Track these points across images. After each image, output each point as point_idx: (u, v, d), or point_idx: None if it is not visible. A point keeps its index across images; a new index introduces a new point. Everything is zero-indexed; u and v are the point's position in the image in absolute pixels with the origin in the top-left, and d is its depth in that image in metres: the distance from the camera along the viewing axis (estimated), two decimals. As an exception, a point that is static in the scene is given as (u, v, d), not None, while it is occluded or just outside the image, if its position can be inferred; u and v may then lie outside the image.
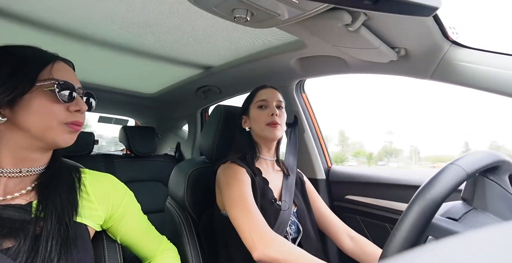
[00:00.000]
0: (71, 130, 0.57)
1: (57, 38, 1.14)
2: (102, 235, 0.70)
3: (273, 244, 0.72)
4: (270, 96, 0.98)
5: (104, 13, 0.97)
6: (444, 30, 0.83)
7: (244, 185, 0.85)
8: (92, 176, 0.67)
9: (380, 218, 1.17)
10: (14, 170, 0.55)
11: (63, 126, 0.56)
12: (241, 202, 0.81)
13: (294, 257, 0.71)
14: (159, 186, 1.85)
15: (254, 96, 1.01)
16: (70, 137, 0.58)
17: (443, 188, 0.47)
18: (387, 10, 0.50)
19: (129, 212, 0.70)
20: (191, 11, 0.94)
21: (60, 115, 0.55)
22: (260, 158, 0.99)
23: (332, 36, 0.87)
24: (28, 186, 0.57)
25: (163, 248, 0.80)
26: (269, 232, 0.75)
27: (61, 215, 0.56)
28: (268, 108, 0.96)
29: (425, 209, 0.46)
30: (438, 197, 0.46)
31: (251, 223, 0.77)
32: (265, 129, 0.95)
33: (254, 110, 0.98)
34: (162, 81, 1.82)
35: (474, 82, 0.85)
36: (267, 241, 0.73)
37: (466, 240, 0.22)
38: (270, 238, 0.74)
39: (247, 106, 1.02)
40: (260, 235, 0.74)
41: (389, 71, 1.05)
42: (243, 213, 0.79)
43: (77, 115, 0.58)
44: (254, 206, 0.81)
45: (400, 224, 0.47)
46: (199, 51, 1.30)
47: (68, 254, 0.53)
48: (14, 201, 0.54)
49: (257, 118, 0.96)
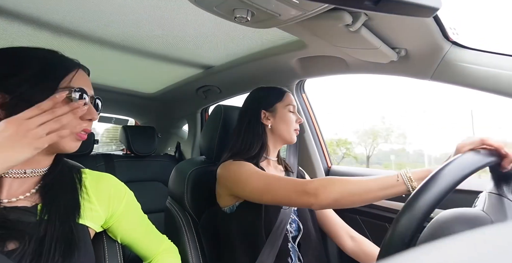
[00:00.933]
0: (79, 138, 0.58)
1: (57, 38, 1.14)
2: (103, 235, 0.70)
3: (326, 189, 0.68)
4: (295, 102, 1.02)
5: (104, 13, 0.97)
6: (444, 30, 0.83)
7: (256, 169, 0.85)
8: (92, 177, 0.67)
9: (380, 218, 1.17)
10: (19, 171, 0.55)
11: (72, 135, 0.57)
12: (266, 178, 0.80)
13: (350, 187, 0.67)
14: (159, 186, 1.85)
15: (283, 97, 1.01)
16: (76, 144, 0.59)
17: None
18: (387, 10, 0.50)
19: (129, 212, 0.70)
20: (191, 11, 0.94)
21: (72, 123, 0.54)
22: (266, 159, 0.99)
23: (333, 36, 0.87)
24: (32, 188, 0.57)
25: (164, 247, 0.80)
26: (314, 181, 0.73)
27: (64, 218, 0.56)
28: (295, 114, 1.01)
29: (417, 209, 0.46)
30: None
31: (290, 182, 0.76)
32: (293, 134, 0.98)
33: (285, 112, 0.99)
34: (162, 81, 1.82)
35: (474, 82, 0.85)
36: (319, 189, 0.69)
37: (466, 240, 0.22)
38: (320, 185, 0.70)
39: (273, 103, 1.00)
40: (307, 188, 0.71)
41: (389, 72, 1.05)
42: (276, 181, 0.78)
43: (88, 123, 0.59)
44: (278, 176, 0.81)
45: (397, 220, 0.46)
46: (199, 51, 1.30)
47: (71, 256, 0.54)
48: (19, 203, 0.54)
49: (289, 121, 0.98)
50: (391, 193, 0.63)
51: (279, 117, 0.98)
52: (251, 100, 1.03)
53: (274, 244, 0.83)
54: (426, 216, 0.46)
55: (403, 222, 0.47)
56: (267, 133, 0.99)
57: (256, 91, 1.05)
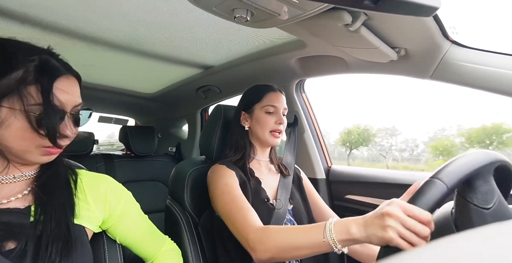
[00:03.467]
0: (48, 153, 0.54)
1: (56, 38, 1.14)
2: (102, 236, 0.70)
3: (262, 245, 0.68)
4: (280, 102, 0.96)
5: (104, 13, 0.97)
6: (444, 30, 0.83)
7: (229, 186, 0.84)
8: (88, 177, 0.67)
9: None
10: (7, 177, 0.55)
11: (41, 150, 0.53)
12: (227, 203, 0.80)
13: (286, 246, 0.66)
14: (159, 186, 1.85)
15: (262, 97, 0.97)
16: (48, 158, 0.55)
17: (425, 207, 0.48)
18: (387, 10, 0.50)
19: (128, 212, 0.70)
20: (191, 11, 0.94)
21: (40, 140, 0.51)
22: (254, 159, 0.99)
23: (332, 36, 0.87)
24: (25, 190, 0.57)
25: (166, 248, 0.79)
26: (255, 231, 0.72)
27: (59, 218, 0.55)
28: (275, 115, 0.95)
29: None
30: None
31: (243, 222, 0.75)
32: (268, 136, 0.95)
33: (261, 113, 0.96)
34: (162, 81, 1.82)
35: (474, 82, 0.85)
36: (256, 243, 0.69)
37: (465, 240, 0.22)
38: (257, 239, 0.70)
39: (251, 103, 0.98)
40: (249, 238, 0.71)
41: (389, 71, 1.05)
42: (235, 214, 0.78)
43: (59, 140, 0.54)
44: (240, 204, 0.79)
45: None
46: (199, 51, 1.30)
47: (69, 256, 0.53)
48: (11, 205, 0.54)
49: (263, 123, 0.95)
50: (320, 251, 0.63)
51: (255, 119, 0.97)
52: (239, 101, 1.04)
53: None
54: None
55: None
56: (249, 135, 0.99)
57: (245, 91, 1.04)
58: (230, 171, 0.88)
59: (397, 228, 0.51)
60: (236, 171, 0.89)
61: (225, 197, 0.82)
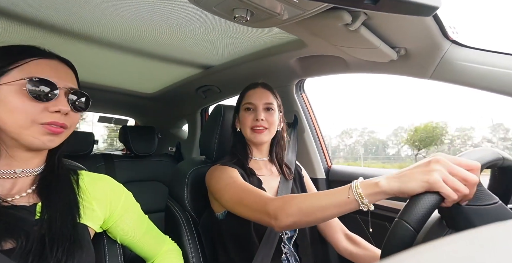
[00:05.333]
0: (48, 131, 0.53)
1: (57, 37, 1.14)
2: (103, 236, 0.70)
3: (284, 210, 0.65)
4: (258, 98, 0.94)
5: (104, 13, 0.97)
6: (444, 29, 0.83)
7: (234, 177, 0.83)
8: (89, 178, 0.67)
9: (380, 217, 1.17)
10: (8, 171, 0.55)
11: (38, 127, 0.53)
12: (236, 192, 0.78)
13: (306, 205, 0.63)
14: (159, 186, 1.85)
15: (243, 96, 0.98)
16: (48, 139, 0.54)
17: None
18: (387, 9, 0.50)
19: (128, 212, 0.70)
20: (191, 11, 0.94)
21: (33, 114, 0.52)
22: (252, 159, 0.98)
23: (332, 35, 0.87)
24: (28, 188, 0.57)
25: (166, 248, 0.79)
26: (274, 200, 0.69)
27: (65, 217, 0.56)
28: (253, 111, 0.94)
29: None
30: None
31: (257, 198, 0.73)
32: (250, 133, 0.94)
33: (242, 112, 0.97)
34: (162, 81, 1.82)
35: (474, 81, 0.85)
36: (278, 210, 0.66)
37: (466, 240, 0.22)
38: (278, 207, 0.66)
39: (238, 106, 1.00)
40: (269, 209, 0.68)
41: (389, 71, 1.05)
42: (247, 194, 0.76)
43: (56, 116, 0.54)
44: (251, 188, 0.78)
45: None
46: (199, 50, 1.30)
47: (75, 255, 0.54)
48: (16, 202, 0.54)
49: (243, 121, 0.95)
50: (346, 210, 0.59)
51: (239, 119, 0.98)
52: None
53: (268, 247, 0.83)
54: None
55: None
56: (243, 135, 0.99)
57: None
58: (232, 168, 0.88)
59: (443, 172, 0.47)
60: (238, 169, 0.89)
61: (232, 187, 0.80)
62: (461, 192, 0.47)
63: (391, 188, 0.52)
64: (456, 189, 0.47)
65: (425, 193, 0.48)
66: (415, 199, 0.48)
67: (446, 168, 0.48)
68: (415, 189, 0.49)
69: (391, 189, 0.52)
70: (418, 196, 0.48)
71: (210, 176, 0.89)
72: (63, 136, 0.57)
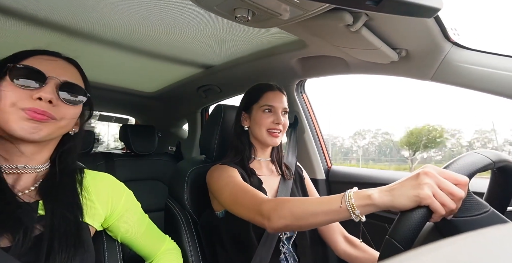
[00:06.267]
0: (28, 117, 0.51)
1: (56, 37, 1.14)
2: (102, 234, 0.70)
3: (277, 212, 0.66)
4: (278, 102, 0.95)
5: (105, 12, 0.97)
6: (445, 31, 0.83)
7: (233, 177, 0.84)
8: (92, 176, 0.67)
9: (379, 218, 1.17)
10: (10, 166, 0.55)
11: (18, 111, 0.51)
12: (233, 191, 0.79)
13: (301, 212, 0.64)
14: (159, 185, 1.85)
15: (260, 96, 0.96)
16: (28, 125, 0.52)
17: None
18: (388, 11, 0.50)
19: (128, 211, 0.70)
20: (192, 10, 0.94)
21: (15, 98, 0.51)
22: (255, 160, 0.98)
23: (333, 36, 0.87)
24: (31, 185, 0.57)
25: (166, 247, 0.79)
26: (268, 201, 0.70)
27: (68, 215, 0.56)
28: (273, 114, 0.94)
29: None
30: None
31: (252, 198, 0.74)
32: (266, 135, 0.94)
33: (258, 112, 0.95)
34: (163, 80, 1.82)
35: (475, 83, 0.85)
36: (271, 211, 0.67)
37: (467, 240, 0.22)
38: (271, 208, 0.67)
39: (250, 104, 0.98)
40: (263, 209, 0.68)
41: (390, 72, 1.05)
42: (243, 193, 0.77)
43: (38, 103, 0.53)
44: (247, 188, 0.79)
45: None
46: (200, 50, 1.30)
47: (76, 253, 0.54)
48: (19, 199, 0.54)
49: (260, 122, 0.94)
50: (337, 218, 0.59)
51: (253, 118, 0.96)
52: (240, 101, 1.04)
53: (266, 247, 0.83)
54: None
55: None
56: (250, 134, 0.99)
57: (246, 91, 1.04)
58: (232, 168, 0.88)
59: (433, 186, 0.48)
60: (238, 169, 0.89)
61: (230, 186, 0.81)
62: (448, 207, 0.47)
63: (383, 202, 0.53)
64: (444, 204, 0.47)
65: (414, 209, 0.49)
66: (405, 215, 0.49)
67: (435, 181, 0.49)
68: (406, 205, 0.49)
69: (383, 203, 0.53)
70: (407, 213, 0.49)
71: (211, 175, 0.90)
72: (50, 126, 0.54)
